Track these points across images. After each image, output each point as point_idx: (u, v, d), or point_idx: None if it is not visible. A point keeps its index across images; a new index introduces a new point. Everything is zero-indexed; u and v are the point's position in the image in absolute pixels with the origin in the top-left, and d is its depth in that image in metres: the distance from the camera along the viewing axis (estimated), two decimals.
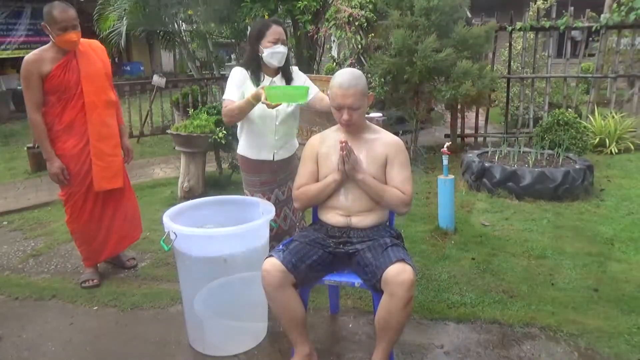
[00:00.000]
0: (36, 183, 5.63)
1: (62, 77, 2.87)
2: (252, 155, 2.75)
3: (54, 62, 2.86)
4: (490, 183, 4.69)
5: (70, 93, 2.91)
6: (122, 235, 3.25)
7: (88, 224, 3.12)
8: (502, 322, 2.64)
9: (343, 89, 2.20)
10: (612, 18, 6.49)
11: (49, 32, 2.85)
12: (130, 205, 3.28)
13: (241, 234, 2.28)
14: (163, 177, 5.77)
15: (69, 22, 2.80)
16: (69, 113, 2.93)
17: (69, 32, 2.82)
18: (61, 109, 2.92)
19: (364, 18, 5.85)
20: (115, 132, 3.14)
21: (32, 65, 2.83)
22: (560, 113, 5.83)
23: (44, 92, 2.88)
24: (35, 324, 2.75)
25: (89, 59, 2.98)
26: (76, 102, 2.93)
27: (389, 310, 2.00)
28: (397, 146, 2.33)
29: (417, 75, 5.39)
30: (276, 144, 2.73)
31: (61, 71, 2.87)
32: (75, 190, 3.04)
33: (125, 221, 3.24)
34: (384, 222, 2.38)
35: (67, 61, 2.89)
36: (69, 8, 2.85)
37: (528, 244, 3.61)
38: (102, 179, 3.03)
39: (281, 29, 2.62)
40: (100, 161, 3.01)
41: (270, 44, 2.58)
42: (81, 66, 2.92)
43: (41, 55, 2.86)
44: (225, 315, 2.39)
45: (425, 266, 3.28)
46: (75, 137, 2.96)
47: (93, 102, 2.96)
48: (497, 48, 7.26)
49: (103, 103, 3.03)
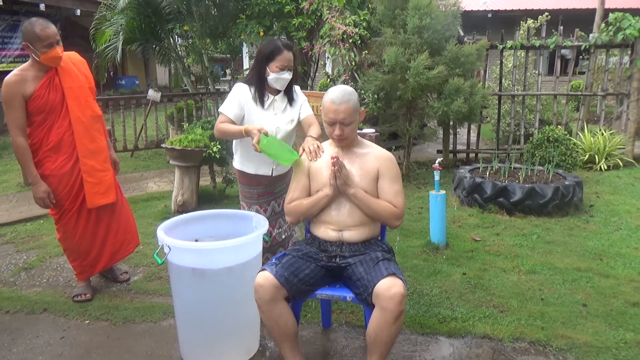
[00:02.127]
0: (29, 196, 5.59)
1: (46, 96, 2.80)
2: (249, 170, 2.76)
3: (37, 81, 2.78)
4: (481, 198, 4.74)
5: (56, 112, 2.84)
6: (116, 249, 3.23)
7: (81, 240, 3.08)
8: (493, 336, 2.66)
9: (335, 105, 2.25)
10: (601, 38, 6.63)
11: (31, 51, 2.74)
12: (124, 218, 3.26)
13: (234, 248, 2.30)
14: (157, 190, 5.78)
15: (52, 38, 2.72)
16: (55, 132, 2.86)
17: (53, 48, 2.74)
18: (47, 128, 2.85)
19: (357, 35, 5.95)
20: (104, 147, 3.07)
21: (14, 86, 2.74)
22: (551, 130, 5.92)
23: (27, 113, 2.80)
24: (26, 338, 2.73)
25: (71, 75, 2.90)
26: (62, 121, 2.87)
27: (380, 324, 2.03)
28: (389, 160, 2.37)
29: (409, 92, 5.47)
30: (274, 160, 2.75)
31: (45, 90, 2.80)
32: (67, 209, 3.00)
33: (118, 234, 3.22)
34: (375, 236, 2.41)
35: (49, 79, 2.82)
36: (49, 23, 2.76)
37: (518, 259, 3.65)
38: (95, 195, 2.99)
39: (291, 55, 2.61)
40: (91, 178, 2.97)
41: (277, 69, 2.58)
42: (64, 83, 2.85)
43: (22, 76, 2.77)
44: (217, 329, 2.40)
45: (416, 281, 3.30)
46: (64, 155, 2.90)
47: (79, 118, 2.90)
48: (489, 66, 7.37)
49: (89, 118, 2.96)
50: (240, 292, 2.33)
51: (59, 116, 2.86)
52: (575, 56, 6.97)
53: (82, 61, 3.05)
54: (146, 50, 8.49)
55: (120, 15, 7.49)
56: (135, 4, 7.28)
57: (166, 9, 7.63)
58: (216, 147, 4.80)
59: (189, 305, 2.39)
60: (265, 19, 6.83)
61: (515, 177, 4.97)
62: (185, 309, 2.41)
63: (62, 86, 2.85)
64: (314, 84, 8.16)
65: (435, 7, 5.51)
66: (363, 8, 6.30)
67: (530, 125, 7.22)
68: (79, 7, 11.75)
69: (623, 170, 6.22)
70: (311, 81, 7.80)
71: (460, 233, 4.21)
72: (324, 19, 6.20)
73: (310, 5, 6.35)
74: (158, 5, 7.51)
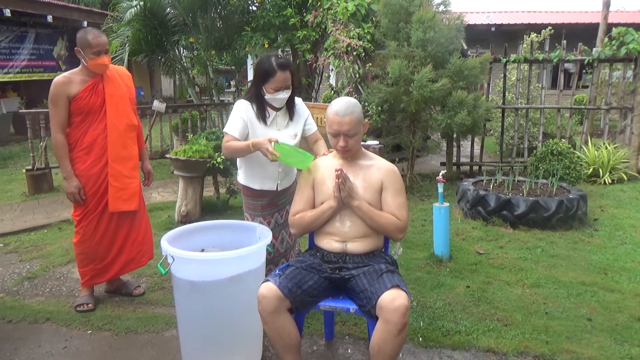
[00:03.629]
0: (33, 205, 5.64)
1: (88, 99, 2.98)
2: (254, 185, 2.78)
3: (82, 84, 2.98)
4: (485, 211, 4.73)
5: (94, 115, 3.02)
6: (130, 259, 3.26)
7: (99, 244, 3.14)
8: (497, 350, 2.65)
9: (339, 117, 2.26)
10: (604, 52, 6.65)
11: (81, 56, 2.97)
12: (143, 230, 3.31)
13: (238, 259, 2.30)
14: (161, 201, 5.79)
15: (102, 47, 2.94)
16: (91, 134, 3.02)
17: (101, 56, 2.94)
18: (84, 130, 3.02)
19: (361, 48, 5.99)
20: (134, 155, 3.21)
21: (61, 87, 2.94)
22: (554, 143, 5.92)
23: (69, 113, 2.99)
24: (29, 348, 2.73)
25: (114, 83, 3.09)
26: (98, 124, 3.03)
27: (383, 337, 2.02)
28: (393, 173, 2.38)
29: (413, 105, 5.49)
30: (279, 175, 2.76)
31: (88, 94, 2.99)
32: (91, 210, 3.09)
33: (135, 244, 3.26)
34: (379, 248, 2.41)
35: (94, 84, 3.01)
36: (101, 34, 2.99)
37: (522, 273, 3.64)
38: (118, 199, 3.09)
39: (287, 74, 2.57)
40: (116, 182, 3.07)
41: (272, 91, 2.58)
42: (106, 89, 3.04)
43: (70, 78, 2.98)
44: (220, 339, 2.39)
45: (420, 293, 3.29)
46: (94, 157, 3.04)
47: (115, 124, 3.06)
48: (492, 79, 7.39)
49: (124, 126, 3.11)
50: (244, 303, 2.33)
51: (96, 119, 3.03)
52: (578, 70, 6.98)
53: (128, 74, 3.26)
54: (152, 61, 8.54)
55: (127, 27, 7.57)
56: (141, 16, 7.35)
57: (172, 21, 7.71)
58: (220, 157, 4.82)
59: (192, 316, 2.38)
60: (270, 32, 6.88)
61: (519, 190, 4.96)
62: (187, 319, 2.40)
63: (104, 92, 3.03)
64: (318, 95, 8.19)
65: (438, 20, 5.55)
66: (367, 21, 6.35)
67: (534, 139, 7.23)
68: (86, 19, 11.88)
69: (627, 184, 6.21)
70: (315, 93, 7.84)
71: (463, 246, 4.19)
72: (328, 31, 6.25)
73: (315, 18, 6.41)
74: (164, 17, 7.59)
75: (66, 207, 5.49)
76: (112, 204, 3.08)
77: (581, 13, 16.80)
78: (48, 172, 6.34)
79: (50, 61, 12.07)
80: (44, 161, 6.24)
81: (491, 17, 16.09)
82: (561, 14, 16.73)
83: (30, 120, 6.27)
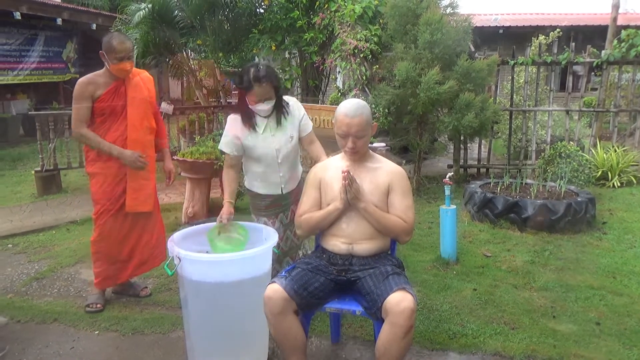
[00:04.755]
0: (42, 206, 5.68)
1: (110, 101, 3.05)
2: (260, 190, 2.82)
3: (105, 87, 3.05)
4: (492, 214, 4.71)
5: (116, 116, 3.08)
6: (143, 260, 3.29)
7: (114, 243, 3.17)
8: (504, 353, 2.63)
9: (348, 118, 2.27)
10: (613, 54, 6.61)
11: (105, 60, 3.03)
12: (156, 232, 3.34)
13: (244, 260, 2.31)
14: (168, 202, 5.81)
15: (125, 52, 3.00)
16: (111, 134, 3.08)
17: (124, 62, 3.00)
18: (105, 130, 3.07)
19: (368, 50, 5.99)
20: (152, 157, 3.27)
21: (85, 86, 3.01)
22: (563, 146, 5.88)
23: (92, 113, 3.05)
24: (36, 348, 2.75)
25: (136, 87, 3.15)
26: (119, 126, 3.09)
27: (389, 339, 2.01)
28: (400, 175, 2.38)
29: (420, 107, 5.47)
30: (282, 180, 2.78)
31: (110, 96, 3.05)
32: (108, 209, 3.12)
33: (147, 246, 3.28)
34: (385, 250, 2.40)
35: (116, 87, 3.07)
36: (127, 40, 3.06)
37: (530, 276, 3.61)
38: (134, 200, 3.13)
39: (264, 87, 2.55)
40: (133, 183, 3.12)
41: (253, 102, 2.62)
42: (128, 92, 3.10)
43: (94, 79, 3.05)
44: (226, 341, 2.40)
45: (426, 296, 3.27)
46: (113, 157, 3.08)
47: (135, 126, 3.12)
48: (500, 80, 7.36)
49: (144, 128, 3.18)
50: (250, 304, 2.33)
51: (117, 120, 3.09)
52: (587, 72, 6.93)
53: (150, 78, 3.32)
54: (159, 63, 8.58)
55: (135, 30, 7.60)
56: (149, 18, 7.38)
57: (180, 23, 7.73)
58: None
59: (198, 317, 2.38)
60: (277, 34, 6.89)
61: (527, 192, 4.94)
62: (194, 320, 2.41)
63: (126, 95, 3.09)
64: (325, 97, 8.19)
65: (446, 22, 5.53)
66: (374, 23, 6.34)
67: (542, 141, 7.19)
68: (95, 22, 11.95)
69: (637, 187, 6.15)
70: (322, 95, 7.84)
71: (470, 248, 4.17)
72: (335, 33, 6.25)
73: (322, 20, 6.41)
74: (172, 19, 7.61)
75: (74, 209, 5.52)
76: (129, 204, 3.12)
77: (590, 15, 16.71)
78: (57, 174, 6.38)
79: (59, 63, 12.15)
80: (53, 163, 6.28)
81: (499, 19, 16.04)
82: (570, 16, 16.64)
83: (39, 122, 6.31)
